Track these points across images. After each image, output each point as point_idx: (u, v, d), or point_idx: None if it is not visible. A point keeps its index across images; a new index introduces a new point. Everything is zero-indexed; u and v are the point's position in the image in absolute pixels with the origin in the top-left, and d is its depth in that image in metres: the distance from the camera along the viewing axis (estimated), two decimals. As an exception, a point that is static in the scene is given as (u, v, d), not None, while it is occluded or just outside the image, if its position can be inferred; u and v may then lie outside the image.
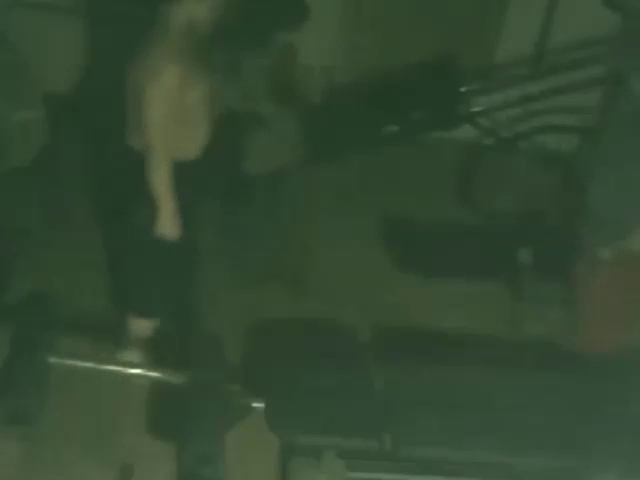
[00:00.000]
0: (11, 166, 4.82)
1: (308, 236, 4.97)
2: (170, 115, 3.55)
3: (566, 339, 4.36)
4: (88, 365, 3.60)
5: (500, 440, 3.42)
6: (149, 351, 4.12)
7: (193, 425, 3.29)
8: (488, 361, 3.98)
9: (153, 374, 3.71)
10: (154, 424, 3.95)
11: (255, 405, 3.48)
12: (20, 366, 3.38)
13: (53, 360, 3.49)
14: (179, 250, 3.85)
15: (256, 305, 4.60)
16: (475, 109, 5.28)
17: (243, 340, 4.39)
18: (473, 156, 5.55)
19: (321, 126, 4.96)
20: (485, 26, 5.64)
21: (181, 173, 3.68)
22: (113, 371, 3.64)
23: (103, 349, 4.01)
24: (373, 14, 5.56)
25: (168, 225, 3.73)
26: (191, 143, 3.76)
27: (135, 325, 4.13)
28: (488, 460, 3.50)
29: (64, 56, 5.28)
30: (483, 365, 3.82)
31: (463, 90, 5.20)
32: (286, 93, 4.78)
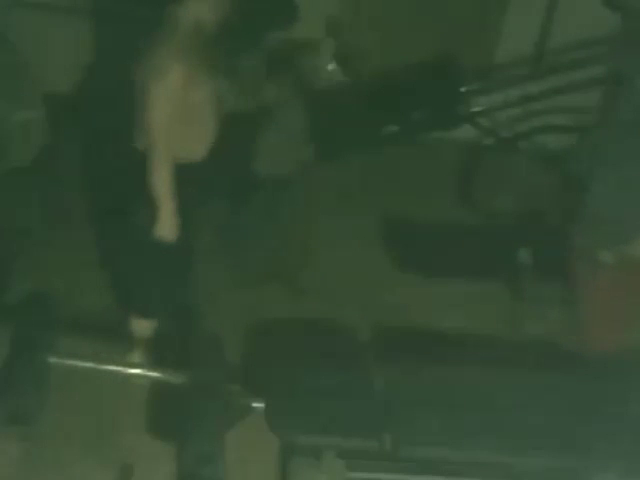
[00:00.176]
0: (11, 166, 4.82)
1: (308, 236, 4.97)
2: (174, 115, 3.54)
3: (566, 339, 4.37)
4: (88, 365, 3.60)
5: (500, 440, 3.42)
6: (149, 351, 4.12)
7: (193, 425, 3.29)
8: (488, 361, 3.98)
9: (153, 374, 3.72)
10: (154, 424, 3.95)
11: (255, 405, 3.48)
12: (20, 366, 3.38)
13: (53, 360, 3.49)
14: (179, 250, 3.84)
15: (256, 305, 4.60)
16: (475, 109, 5.29)
17: (243, 340, 4.39)
18: (473, 156, 5.55)
19: (321, 126, 4.96)
20: (485, 26, 5.64)
21: (185, 174, 3.68)
22: (113, 371, 3.64)
23: (103, 349, 4.00)
24: (373, 14, 5.56)
25: (167, 227, 3.71)
26: (196, 143, 3.75)
27: (135, 325, 4.13)
28: (488, 460, 3.50)
29: (64, 56, 5.28)
30: (483, 365, 3.82)
31: (463, 90, 5.20)
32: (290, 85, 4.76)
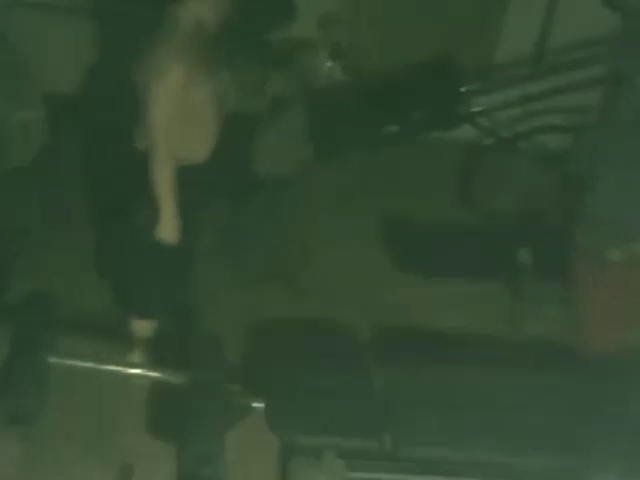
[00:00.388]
0: (11, 166, 4.82)
1: (308, 236, 4.97)
2: (175, 115, 3.53)
3: (566, 339, 4.37)
4: (88, 365, 3.60)
5: (500, 440, 3.42)
6: (149, 351, 4.12)
7: (193, 425, 3.29)
8: (488, 361, 3.97)
9: (153, 374, 3.72)
10: (154, 424, 3.95)
11: (255, 405, 3.48)
12: (20, 366, 3.38)
13: (53, 360, 3.49)
14: (179, 251, 3.83)
15: (256, 305, 4.60)
16: (475, 109, 5.28)
17: (243, 340, 4.39)
18: (473, 156, 5.55)
19: (321, 125, 4.96)
20: (485, 26, 5.64)
21: (186, 175, 3.67)
22: (113, 371, 3.64)
23: (103, 349, 4.00)
24: (373, 14, 5.56)
25: (168, 229, 3.70)
26: (198, 144, 3.74)
27: (135, 325, 4.13)
28: (488, 460, 3.50)
29: (64, 56, 5.28)
30: (483, 365, 3.82)
31: (463, 90, 5.20)
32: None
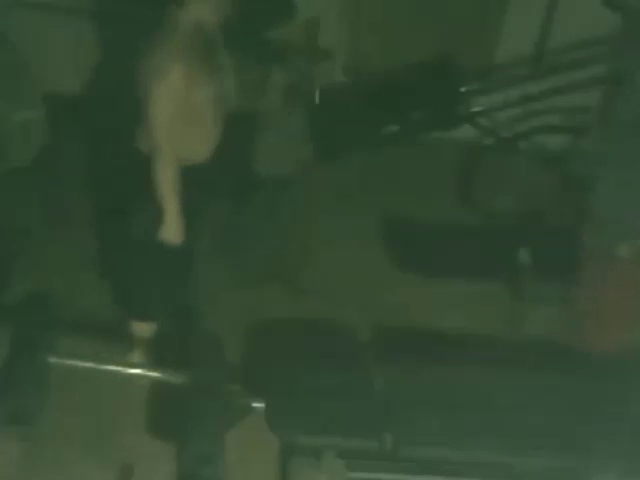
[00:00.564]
0: (11, 166, 4.82)
1: (308, 236, 4.97)
2: (177, 115, 3.52)
3: (566, 339, 4.36)
4: (88, 365, 3.59)
5: (500, 440, 3.41)
6: (149, 351, 4.12)
7: (193, 425, 3.29)
8: (488, 361, 3.97)
9: (153, 374, 3.71)
10: (154, 424, 3.95)
11: (255, 405, 3.47)
12: (20, 366, 3.38)
13: (53, 360, 3.48)
14: (181, 252, 3.82)
15: (256, 305, 4.60)
16: (475, 109, 5.29)
17: (243, 340, 4.39)
18: (473, 156, 5.55)
19: (321, 126, 4.96)
20: (485, 26, 5.64)
21: (188, 176, 3.66)
22: (113, 371, 3.63)
23: (103, 349, 4.00)
24: (373, 14, 5.56)
25: (172, 229, 3.69)
26: (200, 144, 3.73)
27: (135, 325, 4.12)
28: (488, 460, 3.49)
29: (64, 56, 5.28)
30: (483, 365, 3.81)
31: (463, 90, 5.20)
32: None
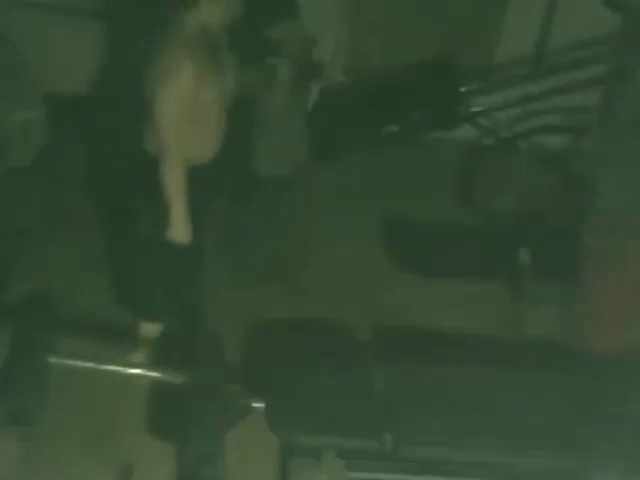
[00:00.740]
0: (11, 166, 4.82)
1: (308, 236, 4.97)
2: (185, 115, 3.53)
3: (566, 339, 4.36)
4: (88, 365, 3.59)
5: (500, 440, 3.41)
6: (149, 351, 4.12)
7: (193, 425, 3.29)
8: (488, 361, 3.97)
9: (153, 374, 3.71)
10: (154, 424, 3.95)
11: (255, 405, 3.47)
12: (20, 366, 3.37)
13: (53, 360, 3.48)
14: (188, 250, 3.81)
15: (256, 305, 4.60)
16: (475, 109, 5.29)
17: (243, 340, 4.39)
18: (473, 156, 5.55)
19: (321, 126, 4.96)
20: (485, 26, 5.64)
21: (194, 175, 3.66)
22: (113, 371, 3.63)
23: (103, 349, 4.00)
24: (373, 14, 5.56)
25: (180, 229, 3.68)
26: (206, 144, 3.73)
27: (137, 325, 4.12)
28: (488, 460, 3.49)
29: (64, 56, 5.28)
30: (483, 365, 3.82)
31: (463, 90, 5.20)
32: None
